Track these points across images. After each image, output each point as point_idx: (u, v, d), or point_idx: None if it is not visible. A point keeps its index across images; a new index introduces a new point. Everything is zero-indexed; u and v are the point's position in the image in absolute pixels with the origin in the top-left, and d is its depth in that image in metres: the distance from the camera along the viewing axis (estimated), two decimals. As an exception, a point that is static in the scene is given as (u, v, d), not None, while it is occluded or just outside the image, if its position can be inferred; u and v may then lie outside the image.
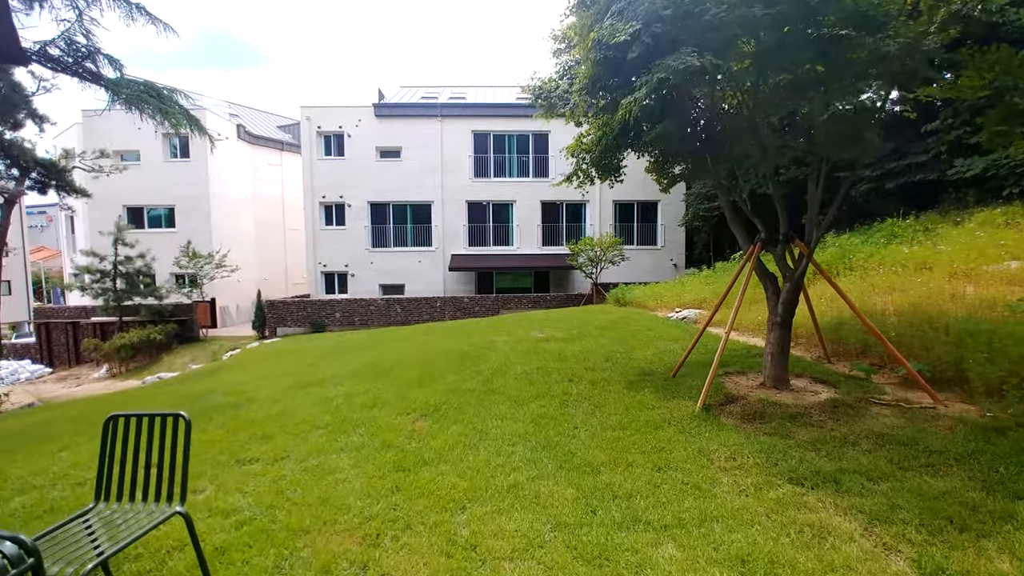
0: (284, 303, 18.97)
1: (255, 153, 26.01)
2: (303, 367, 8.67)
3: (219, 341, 18.84)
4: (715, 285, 10.50)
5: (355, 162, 21.84)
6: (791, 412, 4.05)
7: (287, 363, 10.26)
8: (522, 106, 22.36)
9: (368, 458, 3.56)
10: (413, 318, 19.17)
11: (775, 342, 4.67)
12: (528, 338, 8.71)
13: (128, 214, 22.43)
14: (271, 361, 11.60)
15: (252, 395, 5.78)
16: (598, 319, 10.44)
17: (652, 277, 21.72)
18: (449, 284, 22.17)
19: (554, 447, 3.66)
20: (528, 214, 22.21)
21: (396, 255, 22.18)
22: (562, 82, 9.17)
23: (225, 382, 7.75)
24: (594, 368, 6.12)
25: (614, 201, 22.48)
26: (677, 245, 22.74)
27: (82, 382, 16.61)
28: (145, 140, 21.58)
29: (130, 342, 16.14)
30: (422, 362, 7.08)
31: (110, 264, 18.02)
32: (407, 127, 21.86)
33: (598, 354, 6.92)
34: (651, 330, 8.57)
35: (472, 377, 5.91)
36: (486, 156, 22.24)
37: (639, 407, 4.50)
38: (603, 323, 9.69)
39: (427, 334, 12.58)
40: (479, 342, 8.77)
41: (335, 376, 6.63)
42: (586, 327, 9.43)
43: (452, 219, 22.05)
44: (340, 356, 10.39)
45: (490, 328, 11.43)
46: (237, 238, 24.34)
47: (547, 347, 7.62)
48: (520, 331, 10.08)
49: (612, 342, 7.71)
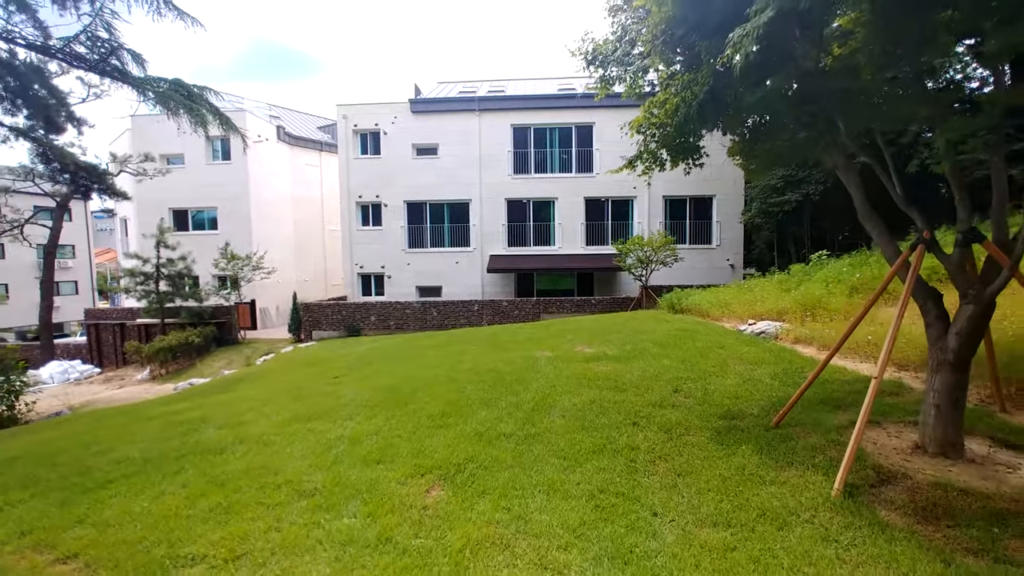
0: (319, 306, 18.52)
1: (295, 154, 25.95)
2: (321, 384, 7.79)
3: (256, 344, 18.62)
4: (797, 293, 8.87)
5: (391, 160, 21.19)
6: (993, 507, 2.63)
7: (309, 377, 9.47)
8: (564, 97, 21.05)
9: (354, 567, 2.45)
10: (449, 322, 18.26)
11: (943, 389, 3.22)
12: (575, 355, 7.46)
13: (173, 217, 22.74)
14: (295, 371, 10.89)
15: (245, 431, 4.84)
16: (655, 331, 9.05)
17: (706, 279, 19.93)
18: (487, 286, 21.15)
19: (626, 558, 2.43)
20: (571, 212, 20.86)
21: (433, 256, 21.38)
22: (621, 44, 7.77)
23: (233, 403, 6.95)
24: (663, 404, 4.82)
25: (664, 196, 20.78)
26: (733, 244, 20.76)
27: (126, 384, 16.71)
28: (189, 143, 21.76)
29: (168, 345, 16.05)
30: (450, 386, 5.99)
31: (152, 267, 18.10)
32: (444, 123, 20.99)
33: (664, 381, 5.59)
34: (723, 348, 7.13)
35: (509, 414, 4.74)
36: (526, 151, 21.05)
37: (742, 479, 3.18)
38: (662, 336, 8.31)
39: (462, 343, 11.55)
40: (518, 359, 7.61)
41: (349, 404, 5.63)
42: (642, 341, 8.08)
43: (490, 218, 21.01)
44: (366, 368, 9.51)
45: (530, 339, 10.25)
46: (276, 239, 24.30)
47: (599, 369, 6.36)
48: (565, 344, 8.85)
49: (679, 364, 6.35)
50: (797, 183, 13.85)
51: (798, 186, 13.80)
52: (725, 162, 20.12)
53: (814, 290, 8.37)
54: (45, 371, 17.63)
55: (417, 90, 22.09)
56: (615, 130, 21.31)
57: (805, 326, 7.59)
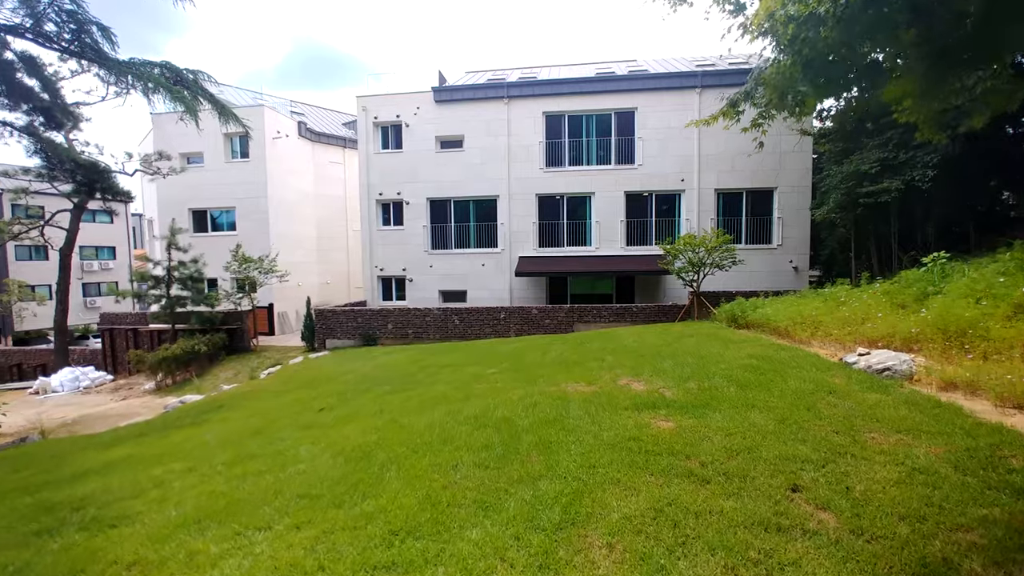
0: (334, 312, 17.15)
1: (317, 151, 24.88)
2: (295, 423, 6.15)
3: (269, 352, 17.44)
4: (930, 312, 6.48)
5: (413, 155, 19.65)
6: None
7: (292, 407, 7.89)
8: (602, 79, 18.90)
9: None
10: (473, 331, 16.50)
11: None
12: (619, 395, 5.47)
13: (193, 217, 22.02)
14: (285, 395, 9.38)
15: (100, 546, 3.15)
16: (723, 358, 6.93)
17: (765, 284, 17.42)
18: (516, 291, 19.28)
19: None
20: (609, 208, 18.70)
21: (457, 258, 19.69)
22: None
23: (172, 453, 5.36)
24: (782, 526, 2.79)
25: (716, 190, 18.34)
26: (798, 244, 18.08)
27: (132, 394, 15.80)
28: (208, 142, 20.96)
29: (172, 355, 15.01)
30: (440, 455, 4.14)
31: (164, 269, 17.20)
32: (469, 112, 19.26)
33: (766, 464, 3.54)
34: (836, 396, 4.96)
35: (518, 539, 2.83)
36: (559, 141, 19.04)
37: None
38: (736, 368, 6.20)
39: (480, 363, 9.74)
40: (542, 398, 5.70)
41: (288, 485, 3.88)
42: (710, 374, 6.01)
43: (520, 216, 19.13)
44: (359, 398, 7.84)
45: (561, 362, 8.31)
46: (297, 240, 23.26)
47: (657, 428, 4.36)
48: (605, 373, 6.89)
49: (778, 425, 4.26)
50: (897, 168, 11.23)
51: (898, 171, 11.18)
52: (788, 150, 17.53)
53: (957, 309, 6.03)
54: (56, 378, 17.03)
55: (441, 78, 20.46)
56: (660, 115, 18.89)
57: (955, 363, 5.31)
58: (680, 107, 18.25)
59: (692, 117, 18.10)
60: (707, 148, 18.12)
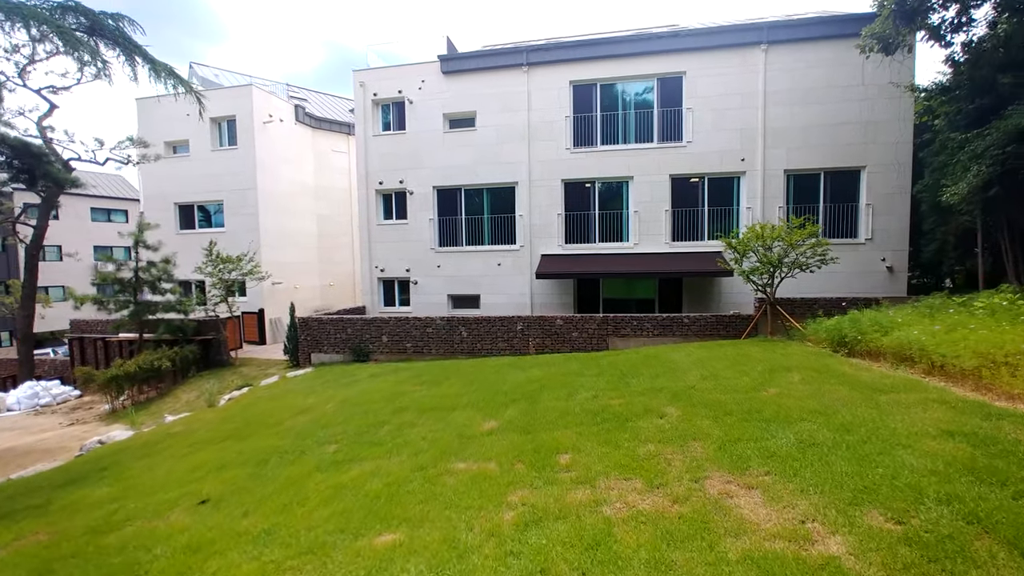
0: (320, 322, 14.45)
1: (317, 138, 22.40)
2: (189, 506, 3.28)
3: (246, 368, 14.90)
4: None
5: (418, 137, 16.80)
6: None
7: (215, 462, 5.06)
8: (642, 39, 15.55)
9: None
10: (483, 346, 13.51)
11: None
12: (725, 537, 2.33)
13: (179, 213, 19.83)
14: (193, 456, 6.57)
15: None
16: (882, 427, 3.69)
17: (848, 288, 13.93)
18: (537, 295, 16.18)
19: None
20: (651, 195, 15.37)
21: (468, 256, 16.74)
22: None
23: None
24: None
25: (786, 172, 14.76)
26: (893, 237, 14.32)
27: (86, 416, 13.48)
28: (193, 128, 18.72)
29: (126, 372, 12.59)
30: None
31: (131, 271, 14.89)
32: (482, 84, 16.26)
33: None
34: None
35: None
36: (590, 115, 15.81)
37: None
38: (942, 461, 2.96)
39: (476, 404, 6.74)
40: (560, 550, 2.63)
41: None
42: (899, 480, 2.80)
43: (542, 207, 16.02)
44: (269, 481, 4.97)
45: (595, 421, 5.22)
46: (293, 237, 20.80)
47: None
48: (676, 460, 3.80)
49: None
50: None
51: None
52: (881, 118, 13.79)
53: None
54: (13, 395, 14.94)
55: (450, 45, 17.52)
56: (714, 80, 15.25)
57: None
58: (740, 69, 14.76)
59: (756, 82, 14.67)
60: (775, 119, 14.58)
